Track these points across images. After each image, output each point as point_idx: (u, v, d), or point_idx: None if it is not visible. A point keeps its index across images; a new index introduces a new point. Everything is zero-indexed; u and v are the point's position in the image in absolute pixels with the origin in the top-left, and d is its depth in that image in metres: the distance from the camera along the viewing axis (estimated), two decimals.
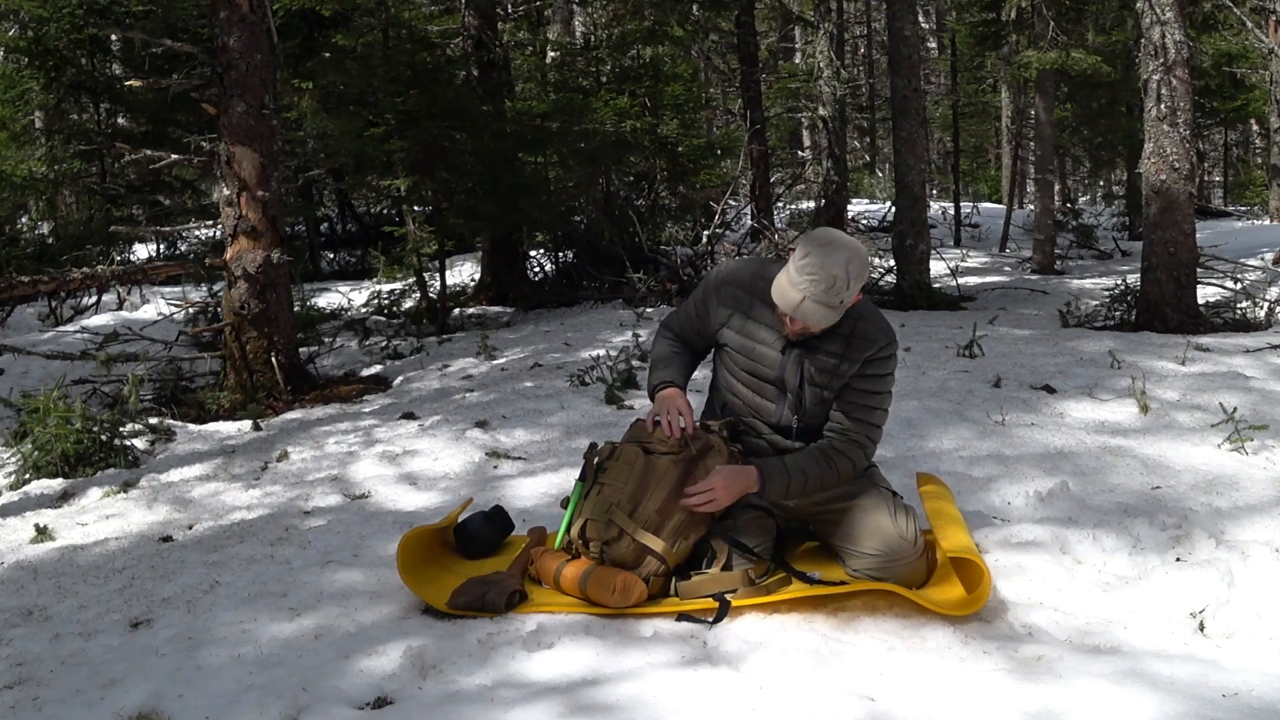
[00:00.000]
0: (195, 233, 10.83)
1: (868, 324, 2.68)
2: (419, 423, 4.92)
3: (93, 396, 5.80)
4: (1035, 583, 2.66)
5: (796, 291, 2.50)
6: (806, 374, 2.70)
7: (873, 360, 2.67)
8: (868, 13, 24.41)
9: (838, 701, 2.06)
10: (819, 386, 2.70)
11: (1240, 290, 7.68)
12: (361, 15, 9.67)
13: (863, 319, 2.68)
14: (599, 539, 2.63)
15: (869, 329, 2.67)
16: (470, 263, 12.10)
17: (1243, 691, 2.05)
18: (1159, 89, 6.70)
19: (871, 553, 2.63)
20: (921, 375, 5.27)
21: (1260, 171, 18.62)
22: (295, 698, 2.19)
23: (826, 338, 2.67)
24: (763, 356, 2.74)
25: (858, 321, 2.67)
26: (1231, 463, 3.62)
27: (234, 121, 5.62)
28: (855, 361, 2.67)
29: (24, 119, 11.21)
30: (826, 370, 2.68)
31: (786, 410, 2.76)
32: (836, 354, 2.67)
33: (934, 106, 22.61)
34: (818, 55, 9.71)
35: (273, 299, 5.79)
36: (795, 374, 2.70)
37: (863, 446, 2.71)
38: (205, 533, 3.51)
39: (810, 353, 2.69)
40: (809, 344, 2.68)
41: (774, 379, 2.74)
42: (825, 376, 2.69)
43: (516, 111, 9.81)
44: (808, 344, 2.69)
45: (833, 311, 2.53)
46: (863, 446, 2.71)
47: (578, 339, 7.18)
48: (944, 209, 17.44)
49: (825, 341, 2.67)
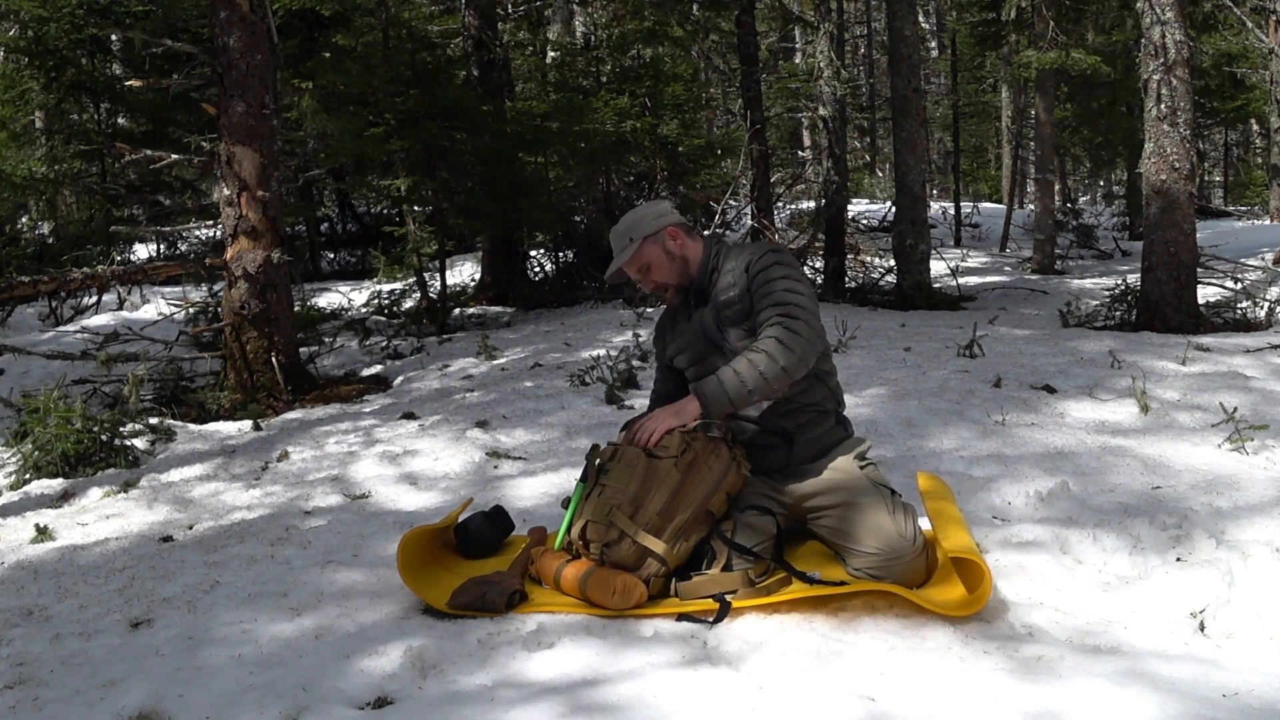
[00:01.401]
0: (195, 233, 10.83)
1: (746, 250, 2.86)
2: (419, 423, 4.91)
3: (93, 396, 5.80)
4: (1035, 583, 2.66)
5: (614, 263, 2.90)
6: (720, 320, 2.83)
7: (752, 267, 2.79)
8: (868, 13, 24.40)
9: (838, 701, 2.06)
10: (735, 325, 2.81)
11: (1240, 290, 7.68)
12: (361, 15, 9.67)
13: (740, 255, 2.85)
14: (600, 540, 2.63)
15: (747, 251, 2.85)
16: (470, 263, 12.10)
17: (1243, 691, 2.05)
18: (1159, 89, 6.70)
19: (871, 552, 2.63)
20: (922, 375, 5.27)
21: (1260, 171, 18.62)
22: (295, 698, 2.19)
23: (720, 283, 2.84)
24: (693, 341, 2.91)
25: (737, 259, 2.85)
26: (1232, 463, 3.62)
27: (234, 121, 5.62)
28: (743, 277, 2.80)
29: (24, 119, 11.20)
30: (730, 305, 2.81)
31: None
32: (730, 286, 2.82)
33: (934, 106, 22.62)
34: (818, 55, 9.71)
35: (273, 299, 5.79)
36: (713, 323, 2.84)
37: (781, 325, 2.65)
38: (205, 533, 3.51)
39: (701, 300, 2.89)
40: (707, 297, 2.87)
41: (702, 345, 2.87)
42: (734, 311, 2.80)
43: (516, 111, 9.81)
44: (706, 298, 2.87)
45: (627, 250, 2.87)
46: (781, 325, 2.65)
47: (578, 339, 7.18)
48: (944, 209, 17.44)
49: (720, 287, 2.84)
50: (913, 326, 7.31)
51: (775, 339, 2.65)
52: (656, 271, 2.88)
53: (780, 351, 2.63)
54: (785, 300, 2.70)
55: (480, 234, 10.51)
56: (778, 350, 2.63)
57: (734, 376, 2.65)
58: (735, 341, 2.80)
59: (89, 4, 8.97)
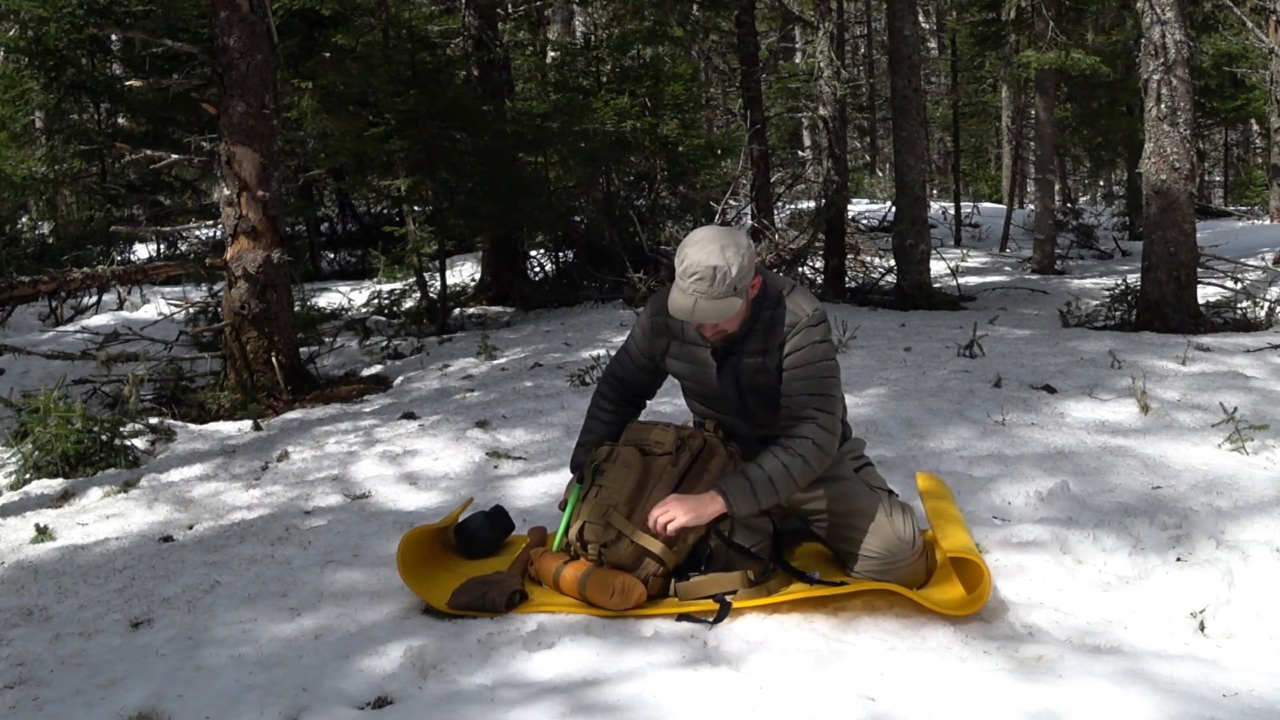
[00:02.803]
0: (195, 233, 10.81)
1: (780, 310, 2.60)
2: (419, 422, 4.91)
3: (93, 396, 5.80)
4: (1035, 583, 2.66)
5: (687, 298, 2.48)
6: (744, 384, 2.67)
7: (790, 341, 2.59)
8: (868, 13, 24.39)
9: (838, 701, 2.06)
10: (757, 391, 2.66)
11: (1240, 290, 7.68)
12: (361, 15, 9.67)
13: (776, 306, 2.61)
14: (597, 541, 2.63)
15: (780, 314, 2.60)
16: (470, 263, 12.10)
17: (1243, 691, 2.05)
18: (1159, 89, 6.70)
19: (870, 554, 2.63)
20: (922, 375, 5.27)
21: (1260, 171, 18.62)
22: (295, 698, 2.19)
23: (748, 339, 2.63)
24: (704, 376, 2.72)
25: (771, 311, 2.61)
26: (1232, 463, 3.62)
27: (234, 121, 5.62)
28: (775, 351, 2.61)
29: (24, 119, 11.20)
30: (756, 371, 2.64)
31: (740, 421, 2.75)
32: (759, 351, 2.63)
33: (934, 106, 22.61)
34: (818, 55, 9.70)
35: (273, 299, 5.79)
36: (732, 385, 2.68)
37: (814, 423, 2.58)
38: (205, 533, 3.51)
39: (737, 359, 2.66)
40: (735, 350, 2.66)
41: (717, 397, 2.73)
42: (760, 378, 2.64)
43: (516, 111, 9.81)
44: (734, 350, 2.66)
45: (727, 301, 2.48)
46: (814, 423, 2.58)
47: (578, 339, 7.18)
48: (944, 209, 17.44)
49: (747, 343, 2.64)
50: (913, 326, 7.31)
51: (810, 440, 2.56)
52: (734, 322, 2.59)
53: (813, 454, 2.57)
54: (819, 391, 2.58)
55: (480, 234, 10.50)
56: (811, 452, 2.56)
57: (766, 482, 2.53)
58: (754, 405, 2.68)
59: (89, 4, 8.97)
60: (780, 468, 2.54)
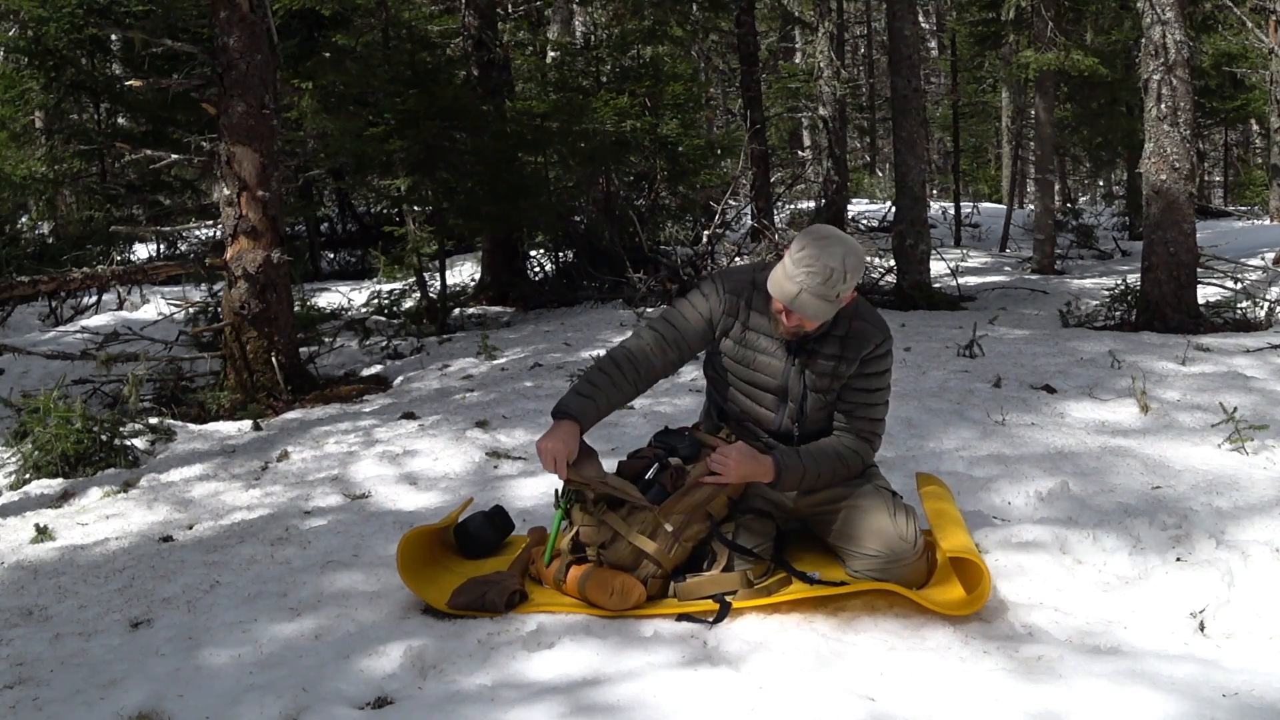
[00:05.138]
0: (195, 233, 10.82)
1: (863, 323, 2.68)
2: (419, 423, 4.91)
3: (93, 396, 5.80)
4: (1035, 583, 2.66)
5: (793, 284, 2.49)
6: (809, 382, 2.70)
7: (870, 359, 2.68)
8: (868, 13, 24.41)
9: (838, 701, 2.06)
10: (820, 392, 2.71)
11: (1240, 290, 7.67)
12: (361, 15, 9.67)
13: (858, 318, 2.69)
14: (594, 542, 2.63)
15: (864, 328, 2.68)
16: (470, 263, 12.10)
17: (1243, 691, 2.05)
18: (1159, 89, 6.70)
19: (872, 554, 2.63)
20: (922, 375, 5.27)
21: (1260, 171, 18.63)
22: (295, 698, 2.19)
23: (824, 340, 2.67)
24: (764, 366, 2.73)
25: (853, 321, 2.68)
26: (1232, 463, 3.62)
27: (234, 121, 5.62)
28: (853, 361, 2.68)
29: (24, 119, 11.20)
30: (826, 374, 2.69)
31: (787, 419, 2.76)
32: (834, 356, 2.68)
33: (934, 106, 22.63)
34: (818, 55, 9.71)
35: (273, 299, 5.79)
36: (799, 383, 2.71)
37: (869, 443, 2.77)
38: (205, 533, 3.51)
39: (810, 359, 2.69)
40: (808, 349, 2.68)
41: (775, 388, 2.73)
42: (826, 380, 2.70)
43: (516, 111, 9.81)
44: (807, 349, 2.68)
45: (828, 305, 2.52)
46: (869, 443, 2.77)
47: (578, 339, 7.18)
48: (944, 209, 17.44)
49: (823, 345, 2.68)
50: (913, 326, 7.31)
51: (860, 457, 2.75)
52: (814, 323, 2.60)
53: (856, 463, 2.74)
54: (878, 418, 2.77)
55: (480, 234, 10.51)
56: (856, 465, 2.74)
57: (815, 470, 2.67)
58: (811, 405, 2.74)
59: (89, 4, 8.97)
60: (830, 466, 2.69)
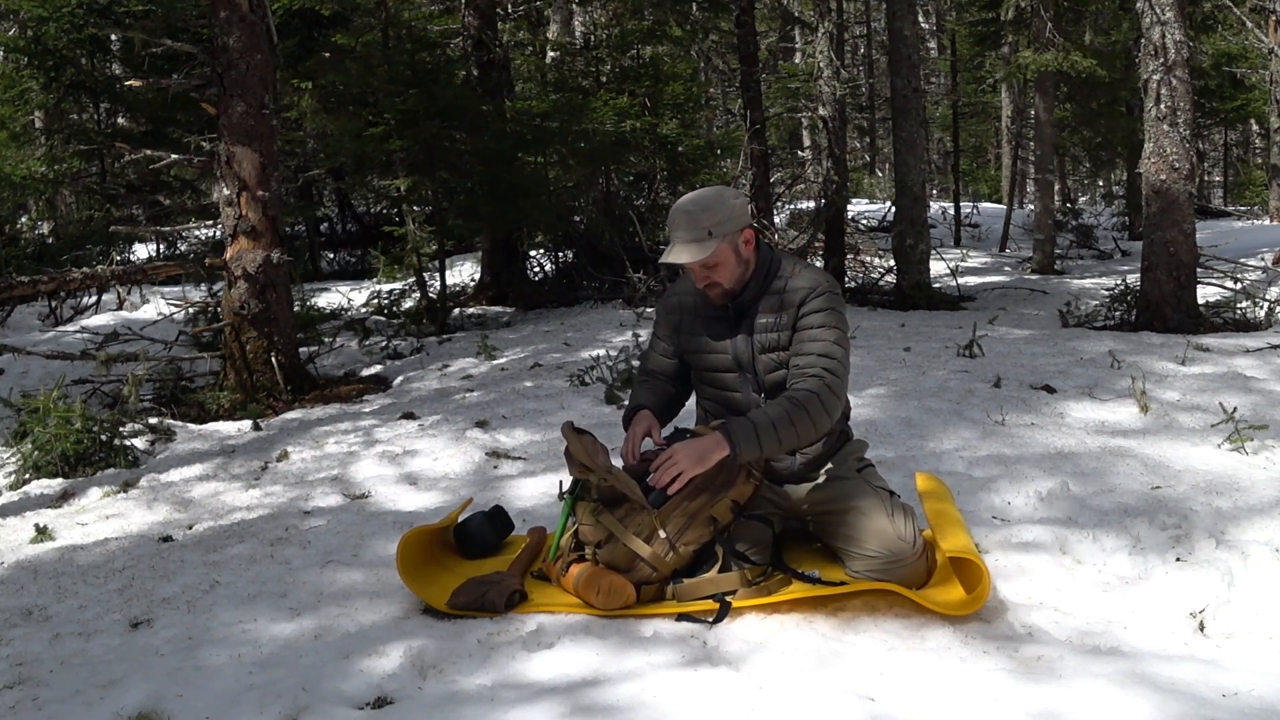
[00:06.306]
0: (195, 233, 10.82)
1: (796, 279, 2.76)
2: (419, 423, 4.91)
3: (93, 396, 5.80)
4: (1035, 583, 2.66)
5: (671, 244, 2.71)
6: (755, 345, 2.76)
7: (806, 303, 2.72)
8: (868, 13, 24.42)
9: (838, 702, 2.06)
10: (769, 351, 2.76)
11: (1240, 290, 7.68)
12: (361, 15, 9.67)
13: (792, 277, 2.77)
14: (592, 542, 2.64)
15: (797, 283, 2.75)
16: (470, 263, 12.10)
17: (1243, 691, 2.05)
18: (1159, 89, 6.70)
19: (871, 555, 2.63)
20: (921, 375, 5.27)
21: (1260, 171, 18.63)
22: (295, 698, 2.19)
23: (761, 301, 2.76)
24: (714, 346, 2.84)
25: (788, 280, 2.76)
26: (1232, 463, 3.62)
27: (234, 121, 5.62)
28: (792, 313, 2.73)
29: (24, 119, 11.21)
30: (770, 331, 2.75)
31: (751, 391, 2.80)
32: (773, 311, 2.75)
33: (934, 106, 22.64)
34: (818, 55, 9.70)
35: (273, 299, 5.79)
36: (747, 349, 2.78)
37: (821, 380, 2.60)
38: (205, 533, 3.51)
39: (751, 323, 2.77)
40: (748, 312, 2.77)
41: (730, 363, 2.81)
42: (771, 337, 2.75)
43: (516, 111, 9.81)
44: (748, 313, 2.77)
45: (704, 244, 2.66)
46: (821, 380, 2.60)
47: (578, 339, 7.18)
48: (944, 209, 17.45)
49: (763, 309, 2.76)
50: (912, 326, 7.31)
51: (816, 395, 2.59)
52: (720, 271, 2.72)
53: (818, 410, 2.59)
54: (830, 356, 2.65)
55: (480, 234, 10.51)
56: (816, 408, 2.58)
57: (770, 426, 2.54)
58: (764, 371, 2.75)
59: (89, 4, 8.97)
60: (784, 414, 2.57)
